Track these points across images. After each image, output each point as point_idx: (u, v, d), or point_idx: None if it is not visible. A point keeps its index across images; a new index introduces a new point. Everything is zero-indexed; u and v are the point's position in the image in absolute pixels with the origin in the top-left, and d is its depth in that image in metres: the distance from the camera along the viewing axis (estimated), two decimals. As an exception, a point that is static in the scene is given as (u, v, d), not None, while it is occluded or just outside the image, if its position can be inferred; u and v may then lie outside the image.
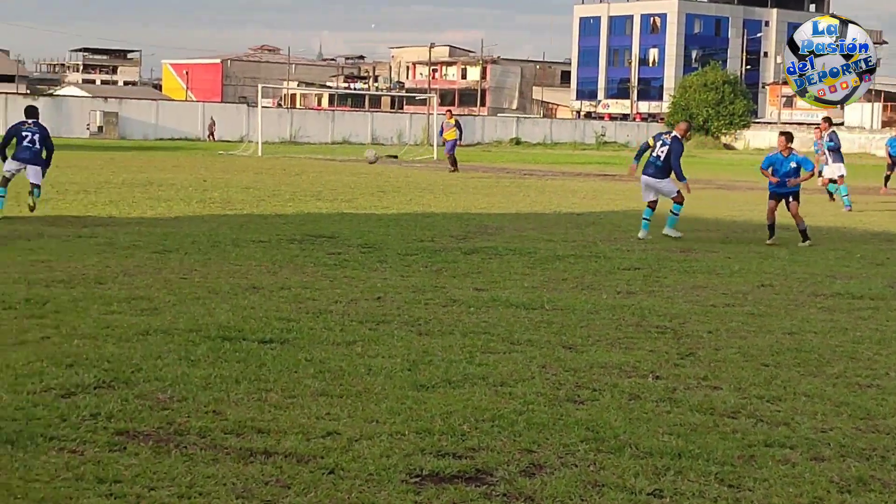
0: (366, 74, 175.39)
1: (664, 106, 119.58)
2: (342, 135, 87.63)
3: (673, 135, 19.43)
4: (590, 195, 31.01)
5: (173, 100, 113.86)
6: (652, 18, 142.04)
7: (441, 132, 44.97)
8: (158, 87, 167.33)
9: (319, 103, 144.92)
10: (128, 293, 11.59)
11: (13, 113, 74.42)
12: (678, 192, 19.27)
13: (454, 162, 42.42)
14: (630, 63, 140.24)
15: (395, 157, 58.06)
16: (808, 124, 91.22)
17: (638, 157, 19.89)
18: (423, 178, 38.03)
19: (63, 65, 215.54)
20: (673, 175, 19.31)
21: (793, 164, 18.93)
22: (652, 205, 19.32)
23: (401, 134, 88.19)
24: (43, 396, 7.38)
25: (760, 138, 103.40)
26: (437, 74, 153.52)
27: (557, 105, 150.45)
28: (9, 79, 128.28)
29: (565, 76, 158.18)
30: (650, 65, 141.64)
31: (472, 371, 8.50)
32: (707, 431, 7.12)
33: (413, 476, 6.12)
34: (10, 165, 20.47)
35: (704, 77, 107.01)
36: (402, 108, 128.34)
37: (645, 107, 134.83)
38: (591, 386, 8.20)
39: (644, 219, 19.24)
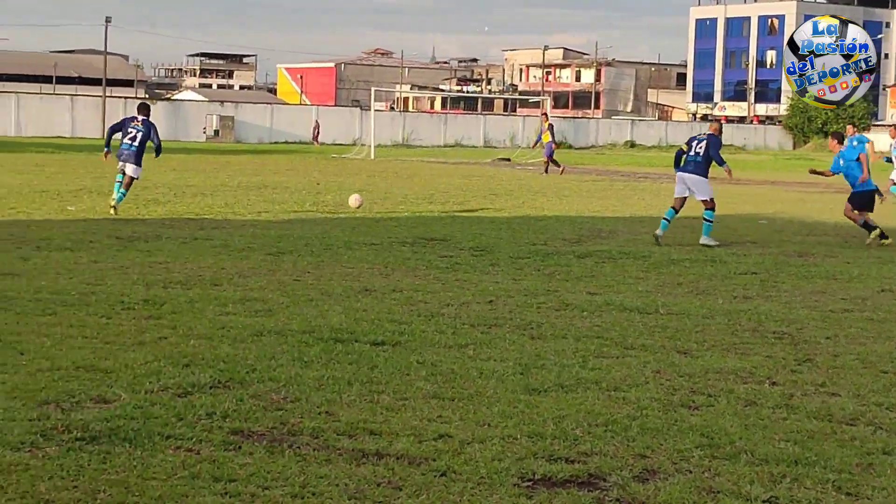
0: (479, 77, 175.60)
1: (782, 108, 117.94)
2: (454, 138, 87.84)
3: (708, 133, 19.43)
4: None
5: (288, 104, 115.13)
6: (770, 20, 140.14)
7: (539, 137, 44.93)
8: (273, 91, 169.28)
9: (432, 106, 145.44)
10: (242, 294, 11.72)
11: (133, 117, 75.76)
12: (711, 197, 18.95)
13: (557, 163, 42.42)
14: (747, 65, 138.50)
15: (508, 159, 58.02)
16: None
17: (677, 164, 19.46)
18: (536, 180, 37.94)
19: (181, 69, 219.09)
20: (708, 178, 19.08)
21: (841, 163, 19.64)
22: (677, 205, 19.11)
23: (513, 136, 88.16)
24: (160, 396, 7.48)
25: (881, 141, 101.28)
26: (550, 77, 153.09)
27: (673, 108, 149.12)
28: (128, 83, 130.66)
29: (681, 78, 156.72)
30: (768, 67, 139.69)
31: (584, 375, 8.44)
32: (824, 438, 6.99)
33: (525, 480, 6.09)
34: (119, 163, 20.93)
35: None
36: (514, 111, 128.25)
37: (762, 109, 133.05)
38: (706, 391, 8.10)
39: (664, 218, 19.04)
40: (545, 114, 48.99)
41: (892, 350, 9.82)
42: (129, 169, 20.61)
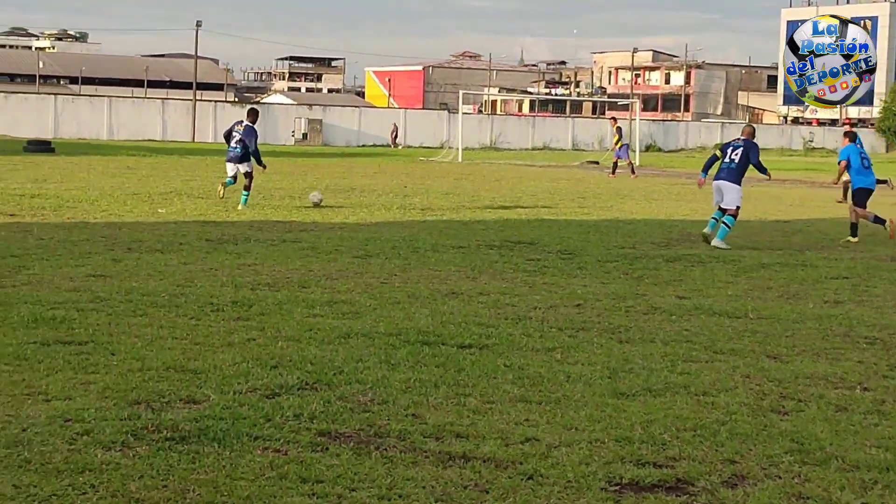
0: (567, 80, 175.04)
1: (875, 111, 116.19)
2: (543, 140, 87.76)
3: (743, 139, 19.22)
4: (796, 202, 30.35)
5: (376, 107, 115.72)
6: (863, 21, 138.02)
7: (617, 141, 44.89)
8: (361, 94, 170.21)
9: (520, 109, 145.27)
10: (330, 297, 11.79)
11: (221, 120, 76.81)
12: (737, 206, 18.74)
13: (615, 167, 42.75)
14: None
15: (597, 162, 57.78)
16: None
17: (706, 169, 19.54)
18: (624, 184, 37.75)
19: (270, 73, 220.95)
20: (741, 184, 19.01)
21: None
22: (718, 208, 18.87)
23: (602, 139, 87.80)
24: (249, 397, 7.55)
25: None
26: (639, 79, 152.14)
27: (764, 110, 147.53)
28: (218, 87, 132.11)
29: (772, 81, 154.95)
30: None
31: (673, 380, 8.38)
32: (919, 447, 6.87)
33: (613, 484, 6.05)
34: (227, 168, 22.49)
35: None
36: (603, 114, 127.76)
37: (855, 112, 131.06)
38: (797, 397, 8.00)
39: (713, 218, 18.88)
40: (613, 118, 49.14)
41: None
42: (242, 167, 21.70)
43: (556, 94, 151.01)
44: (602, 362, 8.93)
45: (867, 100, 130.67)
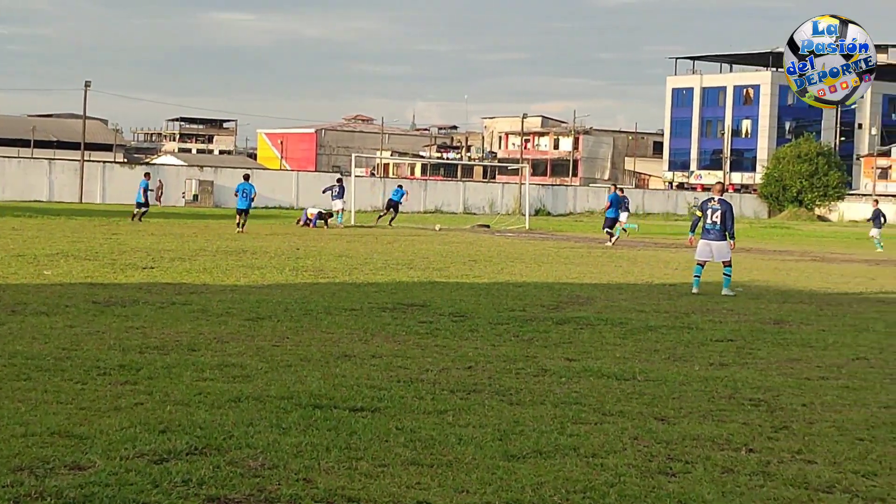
0: (458, 144, 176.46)
1: (757, 177, 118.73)
2: (435, 204, 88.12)
3: (718, 199, 22.07)
4: (682, 266, 30.79)
5: (268, 168, 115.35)
6: (745, 90, 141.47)
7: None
8: (253, 156, 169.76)
9: (412, 172, 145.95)
10: (220, 360, 11.70)
11: (110, 181, 75.93)
12: (729, 257, 21.91)
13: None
14: (723, 134, 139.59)
15: (487, 226, 58.18)
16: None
17: (693, 229, 22.92)
18: (515, 247, 38.05)
19: (160, 134, 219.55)
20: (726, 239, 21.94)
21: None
22: (702, 263, 22.09)
23: (493, 203, 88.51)
24: (136, 462, 7.45)
25: (855, 210, 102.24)
26: (529, 144, 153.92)
27: (650, 175, 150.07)
28: (107, 147, 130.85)
29: (658, 147, 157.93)
30: (743, 136, 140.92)
31: (563, 442, 8.44)
32: (802, 507, 6.99)
33: (503, 547, 6.07)
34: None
35: (798, 148, 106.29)
36: (494, 178, 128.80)
37: (738, 178, 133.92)
38: (684, 458, 8.11)
39: (696, 276, 22.14)
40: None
41: (867, 417, 9.85)
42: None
43: (447, 158, 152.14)
44: (493, 424, 8.97)
45: (750, 166, 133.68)
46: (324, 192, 52.73)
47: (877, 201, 35.18)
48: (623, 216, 44.23)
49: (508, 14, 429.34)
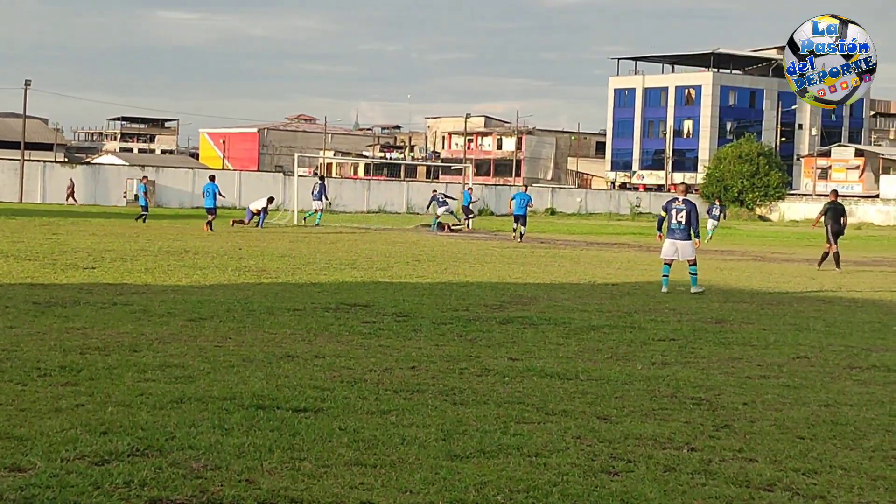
0: (402, 144, 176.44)
1: (699, 177, 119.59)
2: (378, 204, 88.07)
3: (682, 199, 22.69)
4: (624, 266, 30.97)
5: (210, 168, 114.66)
6: (686, 90, 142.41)
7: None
8: (195, 155, 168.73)
9: (355, 172, 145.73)
10: (162, 361, 11.63)
11: (50, 180, 75.23)
12: (694, 256, 22.44)
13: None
14: (665, 134, 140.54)
15: (429, 226, 58.13)
16: (843, 196, 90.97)
17: (659, 227, 23.17)
18: (458, 247, 38.09)
19: (101, 133, 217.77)
20: (691, 238, 22.52)
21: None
22: (669, 262, 22.61)
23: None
24: (77, 464, 7.39)
25: (795, 210, 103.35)
26: (472, 144, 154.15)
27: (592, 176, 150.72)
28: (47, 147, 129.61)
29: (600, 147, 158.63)
30: (685, 136, 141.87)
31: (506, 441, 8.47)
32: (743, 505, 7.05)
33: (446, 547, 6.08)
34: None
35: (739, 149, 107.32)
36: (437, 178, 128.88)
37: (679, 178, 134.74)
38: (626, 457, 8.15)
39: (664, 276, 22.65)
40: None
41: (807, 416, 9.95)
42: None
43: (391, 159, 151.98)
44: (436, 424, 8.97)
45: (691, 166, 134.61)
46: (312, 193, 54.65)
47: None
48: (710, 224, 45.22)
49: (452, 14, 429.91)
